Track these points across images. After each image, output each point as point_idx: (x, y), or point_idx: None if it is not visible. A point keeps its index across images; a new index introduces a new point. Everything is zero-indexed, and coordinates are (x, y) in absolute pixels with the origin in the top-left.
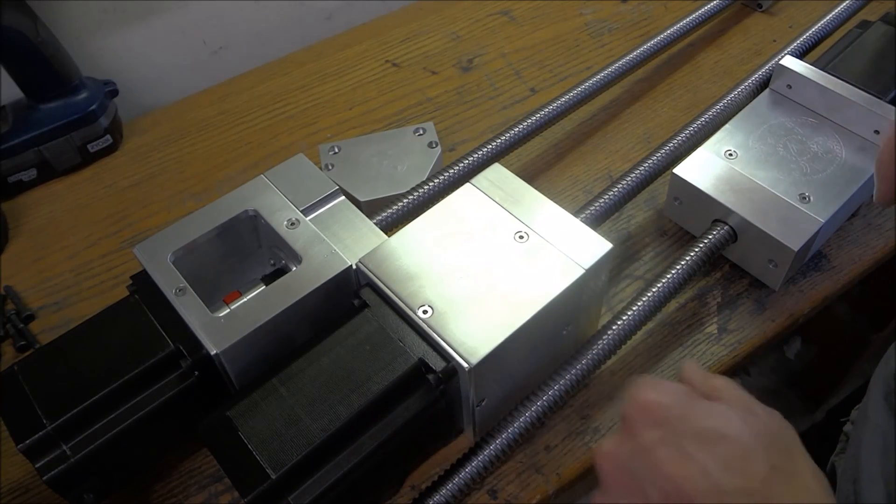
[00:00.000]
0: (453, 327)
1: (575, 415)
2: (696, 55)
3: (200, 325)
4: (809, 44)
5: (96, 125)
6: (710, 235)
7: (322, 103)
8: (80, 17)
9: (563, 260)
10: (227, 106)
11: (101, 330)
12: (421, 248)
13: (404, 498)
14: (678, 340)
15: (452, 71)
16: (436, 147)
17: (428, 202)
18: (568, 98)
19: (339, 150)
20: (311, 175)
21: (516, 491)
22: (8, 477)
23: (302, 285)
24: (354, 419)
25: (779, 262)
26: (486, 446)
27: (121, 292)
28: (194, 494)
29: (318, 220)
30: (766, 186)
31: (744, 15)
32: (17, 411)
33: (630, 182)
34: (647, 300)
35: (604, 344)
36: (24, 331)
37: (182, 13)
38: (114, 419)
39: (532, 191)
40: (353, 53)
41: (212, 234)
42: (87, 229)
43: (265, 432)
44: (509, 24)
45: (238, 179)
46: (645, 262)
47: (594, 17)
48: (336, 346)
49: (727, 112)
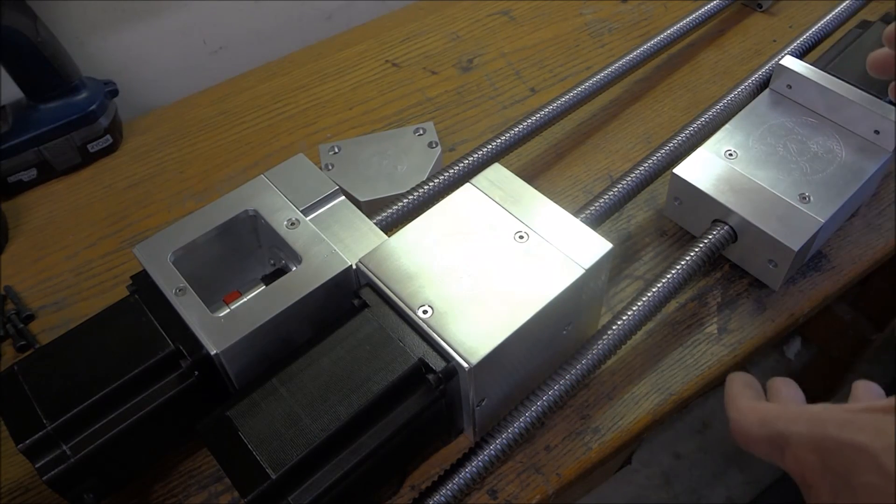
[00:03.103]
0: (453, 327)
1: (575, 415)
2: (696, 55)
3: (200, 325)
4: (809, 44)
5: (96, 125)
6: (710, 235)
7: (322, 103)
8: (80, 17)
9: (563, 260)
10: (227, 106)
11: (101, 330)
12: (421, 248)
13: (404, 498)
14: (678, 340)
15: (452, 71)
16: (436, 147)
17: (428, 202)
18: (568, 98)
19: (339, 150)
20: (311, 175)
21: (516, 491)
22: (8, 477)
23: (302, 285)
24: (354, 419)
25: (779, 262)
26: (486, 446)
27: (121, 292)
28: (194, 494)
29: (318, 220)
30: (766, 186)
31: (744, 15)
32: (17, 411)
33: (630, 182)
34: (647, 300)
35: (604, 344)
36: (24, 331)
37: (182, 13)
38: (114, 419)
39: (532, 191)
40: (353, 53)
41: (212, 234)
42: (87, 229)
43: (265, 432)
44: (509, 24)
45: (238, 179)
46: (645, 262)
47: (594, 17)
48: (336, 346)
49: (727, 112)
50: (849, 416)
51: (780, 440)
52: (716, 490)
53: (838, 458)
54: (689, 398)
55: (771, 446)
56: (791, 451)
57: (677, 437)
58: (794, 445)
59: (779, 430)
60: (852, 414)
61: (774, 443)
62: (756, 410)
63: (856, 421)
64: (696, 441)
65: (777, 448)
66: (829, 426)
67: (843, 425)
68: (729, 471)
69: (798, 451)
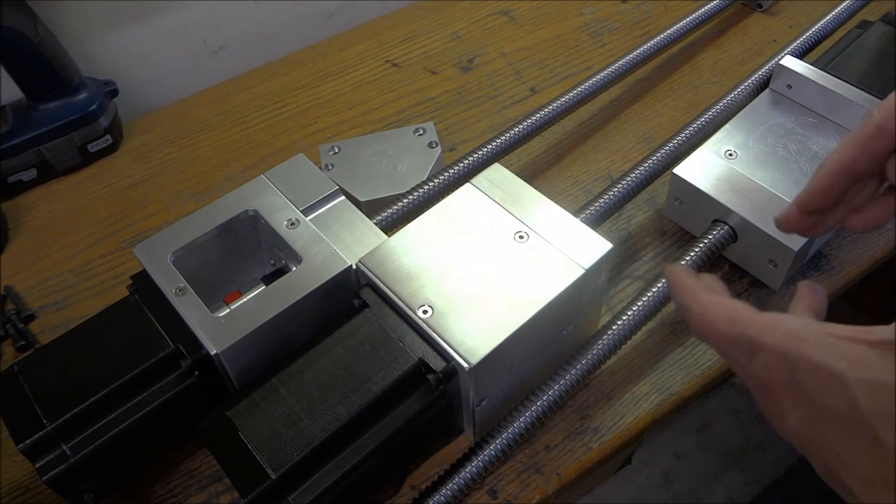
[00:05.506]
0: (453, 327)
1: (575, 415)
2: (696, 55)
3: (200, 325)
4: (809, 44)
5: (96, 125)
6: (710, 235)
7: (322, 103)
8: (80, 17)
9: (563, 260)
10: (227, 106)
11: (101, 330)
12: (421, 248)
13: (404, 498)
14: (678, 340)
15: (452, 71)
16: (436, 147)
17: (428, 202)
18: (568, 98)
19: (339, 150)
20: (311, 175)
21: (516, 491)
22: (8, 477)
23: (302, 285)
24: (354, 419)
25: (779, 262)
26: (486, 446)
27: (121, 292)
28: (194, 494)
29: (318, 220)
30: (766, 186)
31: (744, 15)
32: (17, 411)
33: (630, 182)
34: (647, 300)
35: (604, 344)
36: (24, 331)
37: (182, 13)
38: (114, 419)
39: (532, 191)
40: (353, 53)
41: (212, 234)
42: (87, 229)
43: (265, 432)
44: (509, 24)
45: (238, 179)
46: (645, 262)
47: (594, 17)
48: (336, 347)
49: (727, 112)
50: (830, 340)
51: (752, 346)
52: (716, 490)
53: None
54: (689, 398)
55: (738, 349)
56: (762, 359)
57: (677, 437)
58: (767, 354)
59: (750, 336)
60: (834, 339)
61: (743, 346)
62: (723, 307)
63: (837, 347)
64: (696, 441)
65: (745, 353)
66: (809, 347)
67: (823, 349)
68: (729, 471)
69: (770, 360)
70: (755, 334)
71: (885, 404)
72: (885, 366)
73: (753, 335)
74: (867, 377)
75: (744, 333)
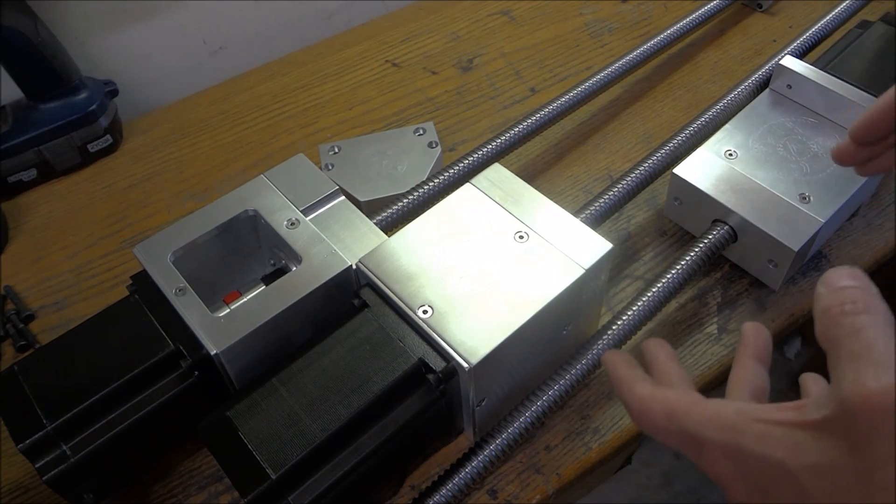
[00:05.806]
0: (453, 327)
1: (575, 415)
2: (696, 55)
3: (200, 325)
4: (809, 44)
5: (96, 125)
6: (710, 235)
7: (322, 103)
8: (80, 17)
9: (563, 260)
10: (227, 106)
11: (101, 330)
12: (421, 248)
13: (404, 498)
14: (678, 340)
15: (452, 71)
16: (436, 147)
17: (428, 202)
18: (568, 98)
19: (339, 150)
20: (311, 175)
21: (516, 491)
22: (8, 477)
23: (302, 285)
24: (354, 419)
25: (779, 262)
26: (486, 446)
27: (121, 292)
28: (194, 494)
29: (318, 220)
30: (766, 186)
31: (744, 15)
32: (17, 411)
33: (630, 182)
34: (647, 300)
35: (604, 344)
36: (24, 331)
37: (182, 13)
38: (114, 419)
39: (532, 191)
40: (353, 53)
41: (212, 234)
42: (87, 229)
43: (265, 432)
44: (509, 24)
45: (238, 179)
46: (645, 262)
47: (594, 17)
48: (336, 347)
49: (727, 112)
50: (765, 429)
51: (695, 441)
52: (716, 490)
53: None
54: None
55: (683, 443)
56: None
57: None
58: (709, 450)
59: (690, 430)
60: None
61: (688, 441)
62: (660, 401)
63: (773, 436)
64: None
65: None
66: (745, 438)
67: (760, 440)
68: None
69: (713, 456)
70: (694, 429)
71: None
72: (821, 447)
73: (693, 430)
74: (808, 463)
75: (684, 429)
